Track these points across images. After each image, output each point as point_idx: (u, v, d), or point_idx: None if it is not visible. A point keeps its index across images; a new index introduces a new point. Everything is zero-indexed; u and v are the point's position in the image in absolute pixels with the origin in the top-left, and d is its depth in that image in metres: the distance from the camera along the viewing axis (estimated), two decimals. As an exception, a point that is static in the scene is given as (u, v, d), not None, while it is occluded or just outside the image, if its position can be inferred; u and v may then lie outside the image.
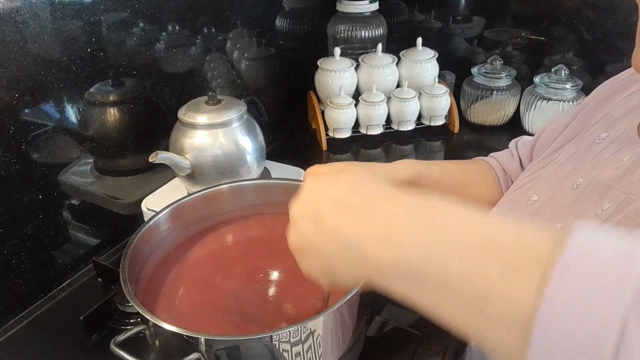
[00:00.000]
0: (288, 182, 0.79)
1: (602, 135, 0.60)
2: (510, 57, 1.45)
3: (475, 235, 0.34)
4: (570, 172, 0.61)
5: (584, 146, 0.62)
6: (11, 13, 0.72)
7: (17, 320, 0.82)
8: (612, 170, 0.55)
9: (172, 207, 0.73)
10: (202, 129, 0.90)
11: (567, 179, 0.61)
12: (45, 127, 0.81)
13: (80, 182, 0.91)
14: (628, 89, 0.62)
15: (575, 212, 0.57)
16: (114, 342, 0.55)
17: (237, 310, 0.64)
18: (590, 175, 0.58)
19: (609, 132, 0.60)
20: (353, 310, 0.59)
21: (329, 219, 0.42)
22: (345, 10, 1.38)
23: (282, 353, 0.54)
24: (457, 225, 0.35)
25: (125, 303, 0.80)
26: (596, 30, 1.30)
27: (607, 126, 0.61)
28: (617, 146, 0.57)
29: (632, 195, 0.51)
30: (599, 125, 0.62)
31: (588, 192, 0.57)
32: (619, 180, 0.54)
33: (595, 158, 0.59)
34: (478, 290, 0.32)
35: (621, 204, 0.52)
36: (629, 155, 0.55)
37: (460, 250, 0.33)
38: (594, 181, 0.57)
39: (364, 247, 0.38)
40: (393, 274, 0.37)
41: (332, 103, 1.29)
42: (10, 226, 0.79)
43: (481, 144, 1.37)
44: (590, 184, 0.57)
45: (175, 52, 1.03)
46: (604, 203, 0.54)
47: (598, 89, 0.69)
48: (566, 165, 0.62)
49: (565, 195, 0.59)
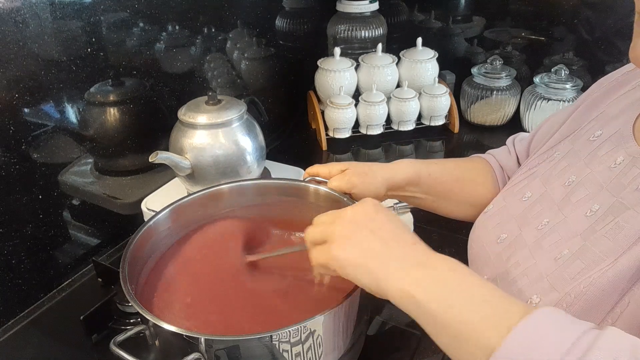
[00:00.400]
0: (288, 182, 0.79)
1: (597, 133, 0.60)
2: (510, 57, 1.45)
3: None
4: (564, 169, 0.61)
5: (579, 144, 0.62)
6: (11, 13, 0.72)
7: (17, 320, 0.82)
8: (605, 170, 0.56)
9: (172, 207, 0.73)
10: (202, 129, 0.90)
11: (560, 176, 0.61)
12: (45, 127, 0.81)
13: (80, 182, 0.91)
14: (623, 87, 0.63)
15: (564, 207, 0.57)
16: (114, 342, 0.55)
17: (237, 310, 0.64)
18: (583, 173, 0.58)
19: (603, 130, 0.60)
20: (353, 310, 0.59)
21: (384, 232, 0.52)
22: (345, 10, 1.38)
23: (282, 353, 0.54)
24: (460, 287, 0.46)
25: (125, 303, 0.80)
26: (596, 30, 1.30)
27: (602, 124, 0.61)
28: (612, 144, 0.57)
29: (622, 199, 0.52)
30: (594, 123, 0.62)
31: (578, 190, 0.57)
32: (610, 181, 0.54)
33: (589, 155, 0.59)
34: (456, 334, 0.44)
35: (611, 208, 0.52)
36: (623, 155, 0.55)
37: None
38: (585, 179, 0.57)
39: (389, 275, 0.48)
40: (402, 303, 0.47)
41: (332, 103, 1.29)
42: (10, 226, 0.79)
43: (481, 144, 1.37)
44: (582, 182, 0.57)
45: (175, 52, 1.03)
46: (593, 203, 0.54)
47: (593, 87, 0.69)
48: (561, 162, 0.63)
49: (555, 191, 0.60)
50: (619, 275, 0.47)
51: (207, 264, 0.73)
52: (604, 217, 0.52)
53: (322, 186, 0.74)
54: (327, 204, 0.75)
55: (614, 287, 0.47)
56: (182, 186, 0.98)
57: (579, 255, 0.52)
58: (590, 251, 0.51)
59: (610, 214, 0.52)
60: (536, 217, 0.60)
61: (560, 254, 0.54)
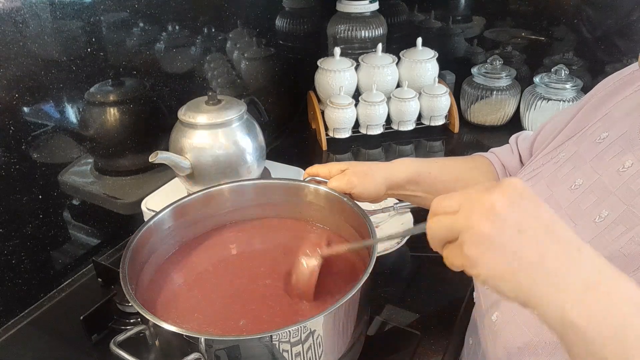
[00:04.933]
0: (288, 182, 0.79)
1: (603, 135, 0.59)
2: (510, 57, 1.45)
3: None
4: (570, 172, 0.60)
5: (584, 146, 0.61)
6: (11, 13, 0.72)
7: (17, 320, 0.82)
8: (613, 174, 0.54)
9: (172, 207, 0.73)
10: (202, 129, 0.90)
11: (565, 179, 0.60)
12: (45, 127, 0.81)
13: (80, 182, 0.91)
14: (629, 86, 0.62)
15: (572, 213, 0.56)
16: (114, 342, 0.55)
17: (237, 310, 0.64)
18: (590, 176, 0.57)
19: (609, 132, 0.59)
20: (353, 310, 0.59)
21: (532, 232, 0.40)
22: (345, 10, 1.38)
23: (282, 353, 0.54)
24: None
25: (125, 303, 0.80)
26: (596, 30, 1.30)
27: (608, 126, 0.60)
28: (619, 147, 0.56)
29: (632, 207, 0.50)
30: (600, 125, 0.61)
31: (586, 194, 0.56)
32: (620, 186, 0.53)
33: (596, 158, 0.58)
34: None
35: (621, 217, 0.51)
36: (631, 159, 0.54)
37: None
38: (593, 184, 0.56)
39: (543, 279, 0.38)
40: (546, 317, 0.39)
41: (332, 103, 1.29)
42: (10, 226, 0.79)
43: (481, 144, 1.37)
44: (590, 186, 0.56)
45: (175, 52, 1.03)
46: (601, 209, 0.53)
47: (598, 86, 0.68)
48: (566, 164, 0.62)
49: (562, 195, 0.59)
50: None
51: (207, 263, 0.73)
52: (614, 225, 0.51)
53: (322, 186, 0.74)
54: (327, 203, 0.75)
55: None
56: (182, 186, 0.98)
57: None
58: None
59: (622, 224, 0.50)
60: None
61: None
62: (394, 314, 0.81)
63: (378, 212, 0.99)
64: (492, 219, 0.38)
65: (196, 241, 0.76)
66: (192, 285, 0.69)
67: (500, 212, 0.38)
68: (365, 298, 0.61)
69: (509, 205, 0.39)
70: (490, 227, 0.38)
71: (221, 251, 0.76)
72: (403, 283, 0.88)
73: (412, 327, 0.78)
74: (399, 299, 0.84)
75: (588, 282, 0.37)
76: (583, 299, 0.37)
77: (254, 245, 0.77)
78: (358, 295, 0.57)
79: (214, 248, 0.76)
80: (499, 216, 0.38)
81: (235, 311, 0.64)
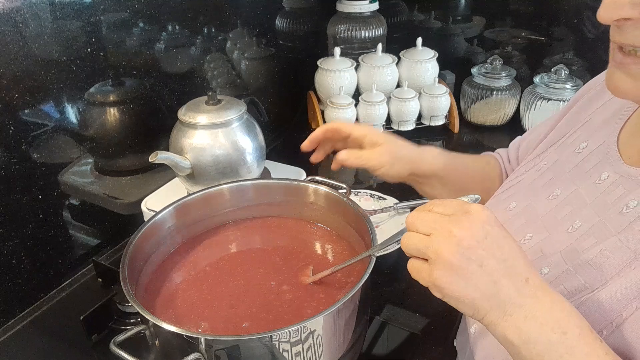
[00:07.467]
0: (288, 182, 0.79)
1: (582, 145, 0.60)
2: (510, 57, 1.45)
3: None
4: (549, 181, 0.61)
5: (564, 155, 0.62)
6: (11, 13, 0.72)
7: (17, 320, 0.82)
8: (590, 185, 0.55)
9: (172, 207, 0.73)
10: (202, 129, 0.90)
11: (545, 188, 0.60)
12: (45, 127, 0.81)
13: (80, 182, 0.91)
14: (608, 92, 0.62)
15: (547, 222, 0.57)
16: (114, 342, 0.55)
17: (237, 309, 0.64)
18: (568, 187, 0.57)
19: (588, 142, 0.59)
20: (353, 310, 0.59)
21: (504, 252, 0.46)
22: (345, 10, 1.38)
23: (282, 353, 0.54)
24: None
25: (125, 303, 0.80)
26: (596, 30, 1.30)
27: (588, 134, 0.60)
28: (597, 158, 0.56)
29: (605, 220, 0.51)
30: (580, 133, 0.62)
31: (563, 205, 0.56)
32: (595, 198, 0.53)
33: (575, 169, 0.58)
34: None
35: (593, 228, 0.51)
36: (608, 171, 0.54)
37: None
38: (571, 194, 0.56)
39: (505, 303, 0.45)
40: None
41: (332, 103, 1.29)
42: (10, 226, 0.79)
43: (481, 144, 1.37)
44: (567, 197, 0.57)
45: (175, 52, 1.03)
46: (575, 219, 0.54)
47: (581, 90, 0.68)
48: (547, 174, 0.62)
49: (540, 204, 0.59)
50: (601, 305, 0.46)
51: (207, 263, 0.73)
52: (585, 236, 0.52)
53: (321, 186, 0.74)
54: (327, 203, 0.75)
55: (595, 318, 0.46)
56: (182, 186, 0.98)
57: (562, 280, 0.51)
58: (574, 278, 0.50)
59: (593, 236, 0.51)
60: (519, 230, 0.59)
61: (542, 273, 0.53)
62: (394, 314, 0.81)
63: (378, 212, 0.99)
64: (461, 252, 0.44)
65: (196, 241, 0.76)
66: (192, 285, 0.69)
67: (468, 247, 0.44)
68: (365, 298, 0.61)
69: (476, 242, 0.45)
70: (458, 259, 0.44)
71: (221, 251, 0.76)
72: (403, 283, 0.88)
73: (412, 327, 0.78)
74: (399, 299, 0.84)
75: (527, 313, 0.44)
76: (521, 326, 0.44)
77: (254, 245, 0.77)
78: (358, 295, 0.58)
79: (214, 248, 0.76)
80: (466, 251, 0.44)
81: (236, 311, 0.64)
